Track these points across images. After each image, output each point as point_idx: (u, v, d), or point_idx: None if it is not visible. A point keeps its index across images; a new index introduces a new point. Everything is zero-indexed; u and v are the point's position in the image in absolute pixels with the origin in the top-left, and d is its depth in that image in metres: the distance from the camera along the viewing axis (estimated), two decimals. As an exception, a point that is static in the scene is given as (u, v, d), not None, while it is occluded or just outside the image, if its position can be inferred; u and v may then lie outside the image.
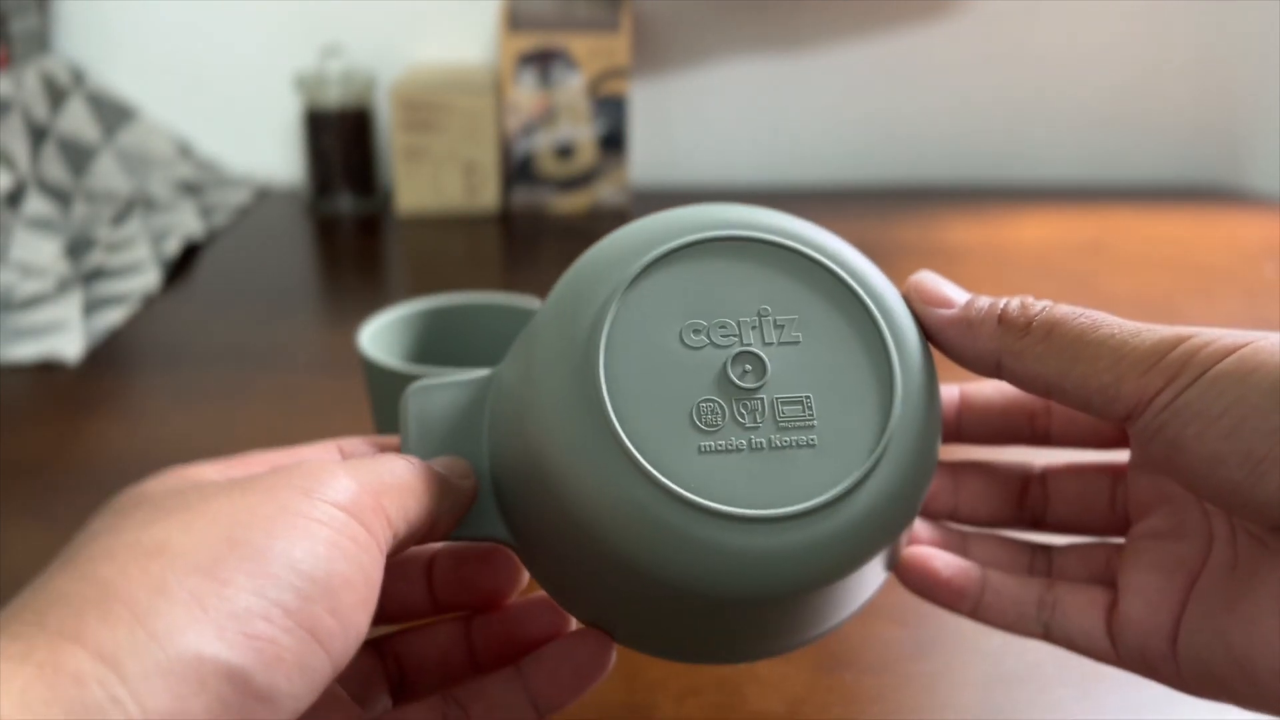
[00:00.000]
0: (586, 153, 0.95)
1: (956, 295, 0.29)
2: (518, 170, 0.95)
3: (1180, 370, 0.25)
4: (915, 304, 0.29)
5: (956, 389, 0.32)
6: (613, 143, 0.95)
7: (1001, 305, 0.28)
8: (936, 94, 1.07)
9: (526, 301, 0.47)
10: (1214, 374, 0.24)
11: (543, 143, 0.94)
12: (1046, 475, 0.33)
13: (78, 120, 0.94)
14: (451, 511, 0.27)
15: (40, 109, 0.90)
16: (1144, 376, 0.25)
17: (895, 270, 0.31)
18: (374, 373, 0.42)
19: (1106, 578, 0.30)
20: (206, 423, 0.55)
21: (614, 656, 0.29)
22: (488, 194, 0.94)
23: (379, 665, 0.30)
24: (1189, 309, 0.73)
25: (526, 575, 0.30)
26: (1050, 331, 0.26)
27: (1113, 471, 0.32)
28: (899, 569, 0.30)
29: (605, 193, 0.96)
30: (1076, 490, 0.32)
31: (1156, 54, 1.07)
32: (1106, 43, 1.06)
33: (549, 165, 0.95)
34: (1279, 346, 0.24)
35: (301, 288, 0.79)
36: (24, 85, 0.89)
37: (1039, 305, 0.27)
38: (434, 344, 0.48)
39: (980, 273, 0.79)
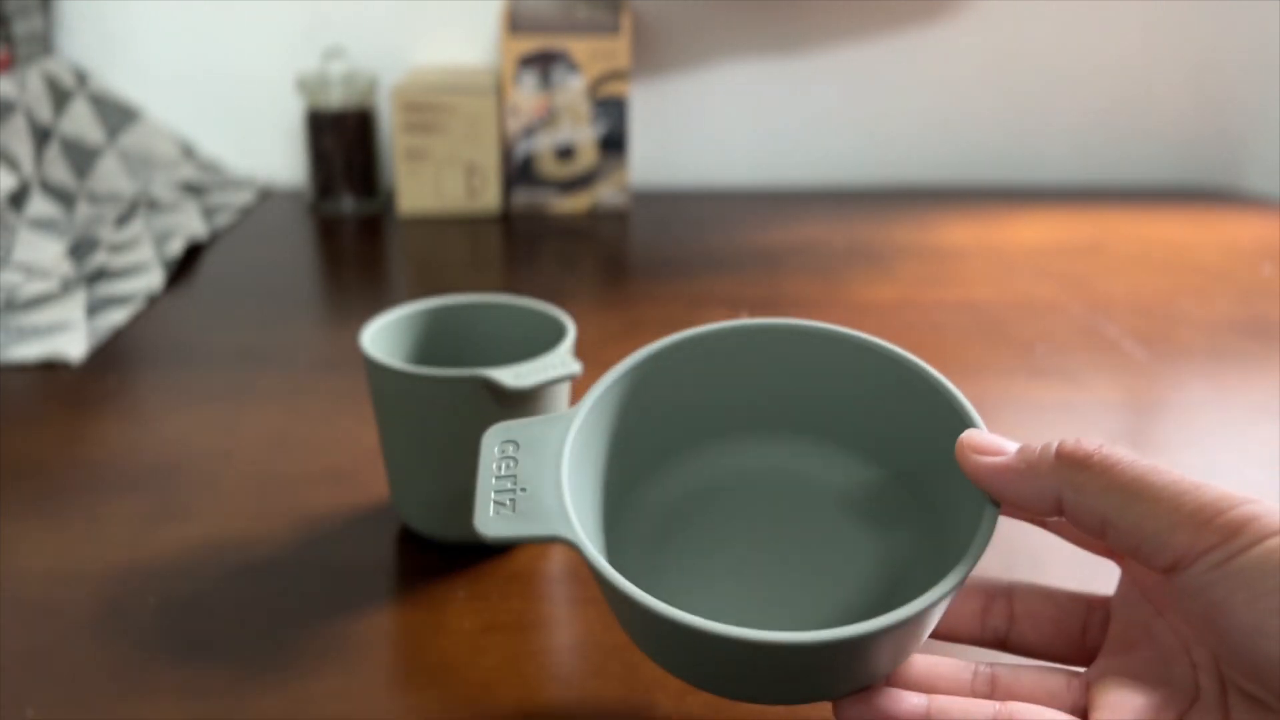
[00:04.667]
0: (587, 154, 0.95)
1: (1008, 445, 0.30)
2: (518, 171, 0.95)
3: (1235, 533, 0.25)
4: (967, 456, 0.30)
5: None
6: (613, 144, 0.95)
7: (1057, 443, 0.29)
8: (934, 96, 1.07)
9: (527, 302, 0.48)
10: (1270, 546, 0.25)
11: (543, 144, 0.95)
12: (1013, 593, 0.33)
13: (81, 121, 0.95)
14: None
15: (44, 110, 0.91)
16: (1198, 531, 0.26)
17: (895, 271, 0.32)
18: (376, 372, 0.43)
19: (1063, 701, 0.30)
20: (209, 422, 0.56)
21: None
22: (489, 195, 0.94)
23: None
24: (1187, 310, 0.74)
25: None
26: (1110, 468, 0.28)
27: (1088, 601, 0.33)
28: (841, 715, 0.30)
29: (605, 194, 0.96)
30: (1050, 613, 0.32)
31: (1154, 57, 1.07)
32: (1104, 45, 1.06)
33: (550, 166, 0.95)
34: None
35: (304, 289, 0.79)
36: (27, 87, 0.90)
37: (1094, 443, 0.28)
38: (435, 344, 0.48)
39: (978, 274, 0.80)
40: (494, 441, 0.33)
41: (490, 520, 0.30)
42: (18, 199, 0.81)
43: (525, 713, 0.35)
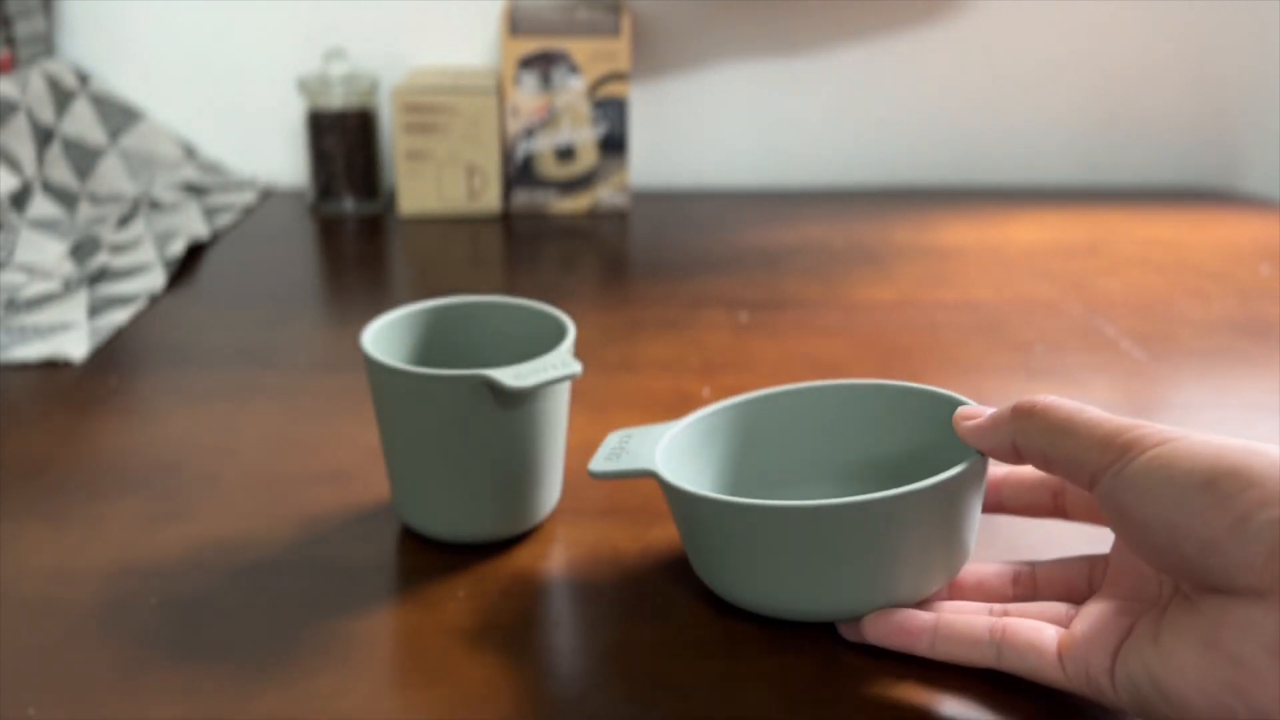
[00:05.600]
0: (587, 155, 0.95)
1: (986, 410, 0.38)
2: (519, 172, 0.95)
3: (1128, 449, 0.32)
4: (959, 424, 0.38)
5: (1003, 469, 0.42)
6: (613, 145, 0.95)
7: (1015, 402, 0.36)
8: (933, 96, 1.07)
9: (527, 302, 0.48)
10: (1150, 455, 0.31)
11: (544, 145, 0.95)
12: (1035, 566, 0.41)
13: (83, 122, 0.95)
14: None
15: (45, 111, 0.91)
16: (1103, 451, 0.33)
17: (894, 271, 0.33)
18: (376, 372, 0.43)
19: (1061, 623, 0.36)
20: (211, 422, 0.56)
21: None
22: (489, 196, 0.95)
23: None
24: (1185, 310, 0.74)
25: None
26: (1046, 415, 0.35)
27: (1090, 561, 0.39)
28: (866, 628, 0.37)
29: (605, 194, 0.96)
30: (1062, 575, 0.40)
31: (1153, 59, 1.07)
32: (1102, 46, 1.07)
33: (550, 167, 0.95)
34: (1201, 440, 0.31)
35: (305, 289, 0.79)
36: (29, 87, 0.90)
37: (1041, 397, 0.35)
38: (435, 344, 0.48)
39: (976, 274, 0.80)
40: (616, 435, 0.44)
41: (601, 463, 0.41)
42: (20, 199, 0.82)
43: (525, 713, 0.36)
